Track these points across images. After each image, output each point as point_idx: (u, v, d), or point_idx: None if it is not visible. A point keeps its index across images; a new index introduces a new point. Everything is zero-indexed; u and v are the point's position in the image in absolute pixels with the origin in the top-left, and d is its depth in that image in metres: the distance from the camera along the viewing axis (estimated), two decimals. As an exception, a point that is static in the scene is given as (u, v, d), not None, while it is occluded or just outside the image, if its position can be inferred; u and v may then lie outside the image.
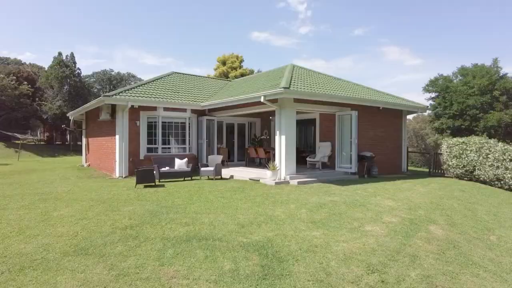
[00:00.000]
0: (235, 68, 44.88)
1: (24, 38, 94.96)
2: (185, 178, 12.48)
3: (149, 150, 14.35)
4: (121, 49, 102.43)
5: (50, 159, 29.90)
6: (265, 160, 14.76)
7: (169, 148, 14.73)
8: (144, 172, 10.46)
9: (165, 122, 14.58)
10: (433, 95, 31.04)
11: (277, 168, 11.26)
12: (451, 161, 14.38)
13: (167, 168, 12.20)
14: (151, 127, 14.44)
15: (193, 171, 13.43)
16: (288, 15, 64.65)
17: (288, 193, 9.30)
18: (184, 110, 14.88)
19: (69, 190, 10.17)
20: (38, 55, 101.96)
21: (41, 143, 40.07)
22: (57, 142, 39.58)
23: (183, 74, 19.43)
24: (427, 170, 19.41)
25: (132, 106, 13.62)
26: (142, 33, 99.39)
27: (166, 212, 7.06)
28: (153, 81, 16.25)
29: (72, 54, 38.49)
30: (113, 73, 60.21)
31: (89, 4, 78.91)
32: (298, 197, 8.82)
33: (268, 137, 15.66)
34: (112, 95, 13.10)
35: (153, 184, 10.76)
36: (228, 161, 16.41)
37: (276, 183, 10.86)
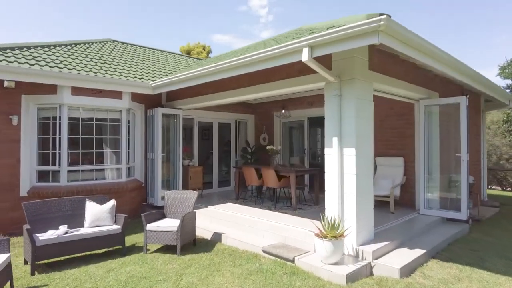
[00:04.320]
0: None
1: None
2: (110, 248, 5.33)
3: (42, 176, 7.01)
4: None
5: None
6: (269, 192, 7.84)
7: (89, 171, 7.42)
8: None
9: (77, 119, 7.27)
10: (510, 82, 19.05)
11: (345, 234, 4.47)
12: None
13: (61, 229, 4.94)
14: (47, 128, 7.10)
15: (134, 218, 6.35)
16: (250, 19, 60.10)
17: None
18: (118, 95, 7.63)
19: None
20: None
21: None
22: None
23: (126, 43, 12.06)
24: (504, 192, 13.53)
25: (3, 83, 6.33)
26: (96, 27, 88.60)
27: None
28: (65, 45, 8.81)
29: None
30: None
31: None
32: None
33: (277, 148, 8.75)
34: None
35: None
36: (203, 188, 9.33)
37: (348, 276, 4.05)
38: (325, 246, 4.27)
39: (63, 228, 4.96)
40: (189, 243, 5.60)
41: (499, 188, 14.64)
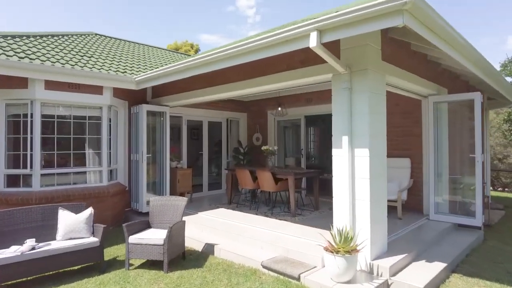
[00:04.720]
0: (190, 58, 36.93)
1: None
2: (87, 263, 4.64)
3: (12, 180, 6.24)
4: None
5: None
6: (264, 195, 7.20)
7: (66, 174, 6.67)
8: None
9: (52, 116, 6.52)
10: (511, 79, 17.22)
11: (359, 248, 3.88)
12: None
13: (27, 244, 4.23)
14: (17, 126, 6.33)
15: (117, 226, 5.67)
16: (237, 19, 59.59)
17: None
18: (98, 90, 6.89)
19: None
20: None
21: None
22: None
23: (110, 37, 11.28)
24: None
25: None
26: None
27: None
28: (40, 36, 8.02)
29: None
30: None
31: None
32: None
33: (273, 148, 8.14)
34: None
35: None
36: (192, 191, 8.66)
37: (364, 298, 3.47)
38: (337, 262, 3.67)
39: (29, 243, 4.24)
40: (178, 257, 4.94)
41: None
